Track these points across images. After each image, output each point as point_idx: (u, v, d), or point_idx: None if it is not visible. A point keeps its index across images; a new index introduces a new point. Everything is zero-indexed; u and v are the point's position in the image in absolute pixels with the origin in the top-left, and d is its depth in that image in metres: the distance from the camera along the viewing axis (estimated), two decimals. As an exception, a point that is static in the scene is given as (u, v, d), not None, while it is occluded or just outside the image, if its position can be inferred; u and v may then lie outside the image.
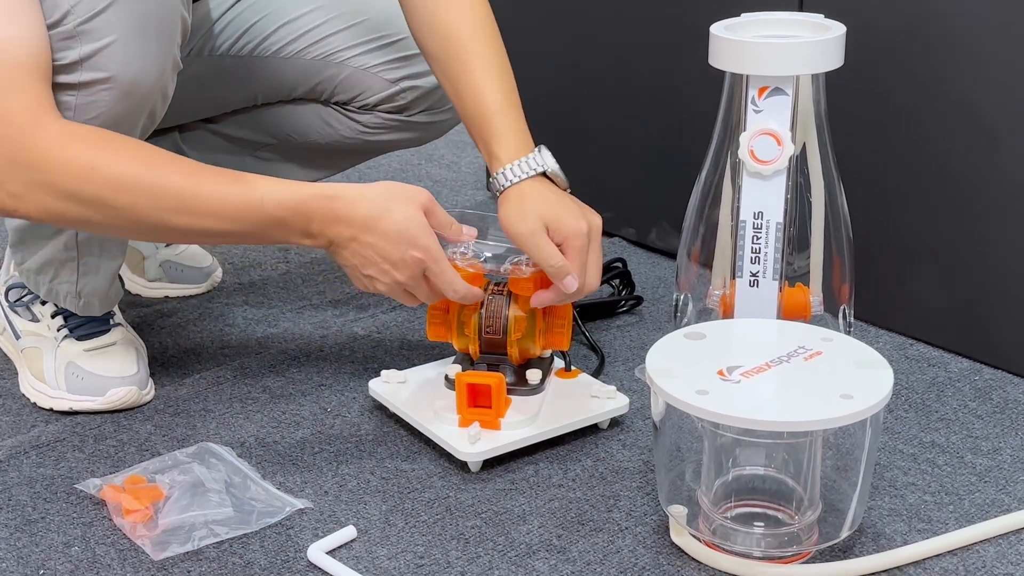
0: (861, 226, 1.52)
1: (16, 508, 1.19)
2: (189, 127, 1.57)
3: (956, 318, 1.46)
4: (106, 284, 1.36)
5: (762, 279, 1.28)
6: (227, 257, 1.78)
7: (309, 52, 1.47)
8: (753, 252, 1.28)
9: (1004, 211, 1.39)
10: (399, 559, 1.11)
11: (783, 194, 1.26)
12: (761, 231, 1.27)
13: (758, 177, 1.26)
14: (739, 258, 1.28)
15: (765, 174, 1.26)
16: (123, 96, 1.17)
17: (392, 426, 1.32)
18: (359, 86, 1.47)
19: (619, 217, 1.81)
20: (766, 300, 1.28)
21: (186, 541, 1.12)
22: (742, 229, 1.28)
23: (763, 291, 1.28)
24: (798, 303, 1.32)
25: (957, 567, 1.09)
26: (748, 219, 1.27)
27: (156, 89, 1.20)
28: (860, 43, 1.36)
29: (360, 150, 1.56)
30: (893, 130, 1.47)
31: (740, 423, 1.03)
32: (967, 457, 1.26)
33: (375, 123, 1.50)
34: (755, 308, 1.29)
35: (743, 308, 1.29)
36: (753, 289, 1.28)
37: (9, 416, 1.35)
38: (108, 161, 1.11)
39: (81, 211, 1.12)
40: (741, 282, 1.29)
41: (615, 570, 1.09)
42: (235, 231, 1.15)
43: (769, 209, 1.26)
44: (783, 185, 1.26)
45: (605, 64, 1.76)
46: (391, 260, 1.17)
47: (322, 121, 1.52)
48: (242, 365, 1.45)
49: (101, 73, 1.15)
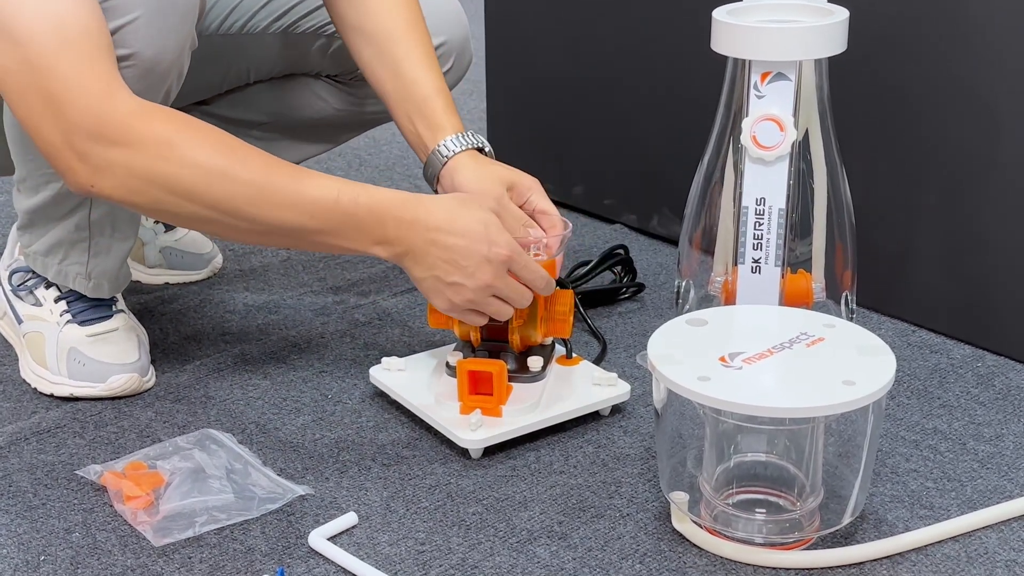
0: (863, 212, 1.52)
1: (17, 494, 1.19)
2: (184, 111, 1.56)
3: (958, 304, 1.46)
4: (116, 265, 1.36)
5: (764, 265, 1.28)
6: (227, 244, 1.77)
7: (299, 26, 1.47)
8: (755, 238, 1.28)
9: (1007, 197, 1.39)
10: (400, 545, 1.11)
11: (786, 180, 1.25)
12: (763, 217, 1.27)
13: (760, 163, 1.26)
14: (741, 244, 1.28)
15: (768, 160, 1.25)
16: (145, 73, 1.17)
17: (393, 413, 1.32)
18: (349, 58, 1.47)
19: (621, 204, 1.81)
20: (768, 286, 1.28)
21: (187, 527, 1.12)
22: (744, 215, 1.27)
23: (765, 277, 1.28)
24: (800, 289, 1.32)
25: (959, 553, 1.09)
26: (750, 205, 1.27)
27: (174, 67, 1.20)
28: (863, 28, 1.35)
29: (355, 122, 1.56)
30: (896, 115, 1.46)
31: (742, 409, 1.03)
32: (969, 443, 1.26)
33: (367, 93, 1.50)
34: (757, 294, 1.28)
35: (745, 294, 1.29)
36: (755, 276, 1.28)
37: (10, 402, 1.35)
38: (186, 140, 1.11)
39: (155, 193, 1.11)
40: (743, 268, 1.28)
41: (616, 556, 1.09)
42: (306, 227, 1.14)
43: (772, 195, 1.26)
44: (786, 171, 1.25)
45: (606, 50, 1.75)
46: (476, 259, 1.16)
47: (315, 95, 1.52)
48: (243, 352, 1.45)
49: (125, 50, 1.15)
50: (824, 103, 1.28)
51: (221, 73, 1.51)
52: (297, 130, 1.56)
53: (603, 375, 1.31)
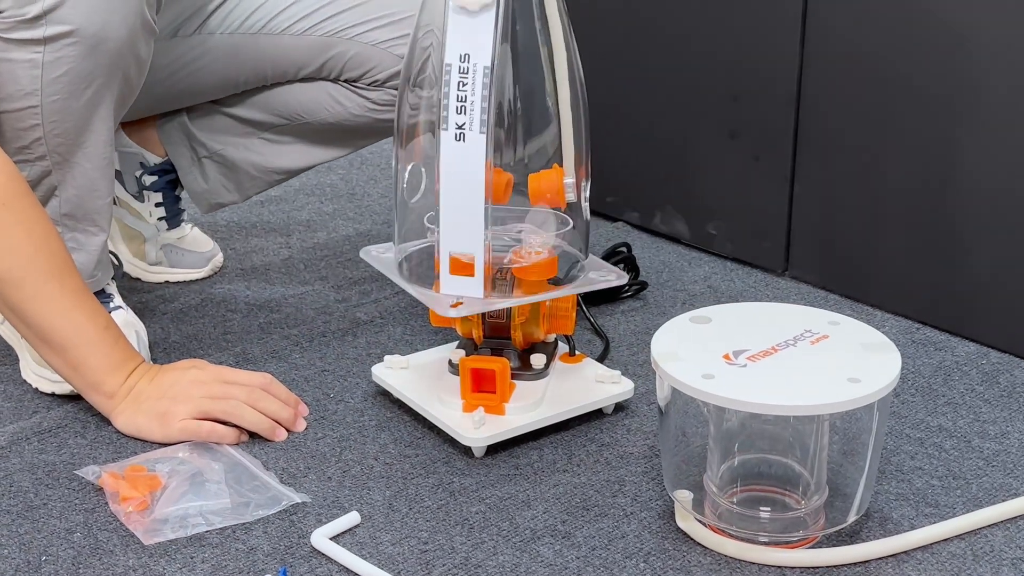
0: (868, 210, 1.52)
1: (18, 494, 1.18)
2: (198, 108, 1.57)
3: (963, 301, 1.45)
4: (92, 261, 1.35)
5: (468, 132, 1.13)
6: (228, 242, 1.77)
7: (319, 29, 1.47)
8: (459, 101, 1.12)
9: (1011, 194, 1.38)
10: (403, 545, 1.10)
11: (492, 34, 1.11)
12: (467, 76, 1.12)
13: (464, 13, 1.11)
14: (444, 108, 1.13)
15: (471, 9, 1.11)
16: (89, 51, 1.18)
17: (395, 411, 1.32)
18: (368, 62, 1.47)
19: (623, 202, 1.80)
20: (474, 157, 1.13)
21: (179, 528, 1.12)
22: (447, 74, 1.12)
23: (470, 146, 1.13)
24: (551, 186, 1.22)
25: (965, 551, 1.09)
26: (453, 63, 1.12)
27: (125, 48, 1.20)
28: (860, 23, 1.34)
29: (369, 129, 1.55)
30: (900, 110, 1.46)
31: (746, 407, 1.02)
32: (974, 441, 1.25)
33: (385, 99, 1.50)
34: (462, 166, 1.14)
35: (450, 166, 1.14)
36: (459, 144, 1.13)
37: (11, 402, 1.35)
38: None
39: None
40: (446, 136, 1.13)
41: (620, 555, 1.09)
42: None
43: (476, 51, 1.12)
44: (492, 23, 1.11)
45: (608, 48, 1.75)
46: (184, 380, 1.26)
47: (332, 99, 1.52)
48: (244, 351, 1.45)
49: (65, 26, 1.16)
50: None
51: (239, 72, 1.51)
52: (311, 134, 1.56)
53: (606, 373, 1.30)
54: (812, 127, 1.55)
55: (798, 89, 1.55)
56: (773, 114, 1.58)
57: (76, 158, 1.28)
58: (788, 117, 1.56)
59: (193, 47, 1.48)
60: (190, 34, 1.48)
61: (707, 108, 1.65)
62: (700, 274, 1.65)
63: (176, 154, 1.59)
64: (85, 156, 1.29)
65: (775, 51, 1.55)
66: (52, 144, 1.26)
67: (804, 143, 1.56)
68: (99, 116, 1.27)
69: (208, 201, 1.62)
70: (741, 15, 1.58)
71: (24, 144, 1.26)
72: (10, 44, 1.19)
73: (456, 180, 1.14)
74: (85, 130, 1.27)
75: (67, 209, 1.32)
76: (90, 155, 1.29)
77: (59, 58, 1.18)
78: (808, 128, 1.55)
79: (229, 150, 1.58)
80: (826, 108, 1.53)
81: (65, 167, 1.29)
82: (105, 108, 1.27)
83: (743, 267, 1.67)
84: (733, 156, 1.64)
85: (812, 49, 1.52)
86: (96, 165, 1.30)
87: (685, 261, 1.69)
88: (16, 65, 1.20)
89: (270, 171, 1.59)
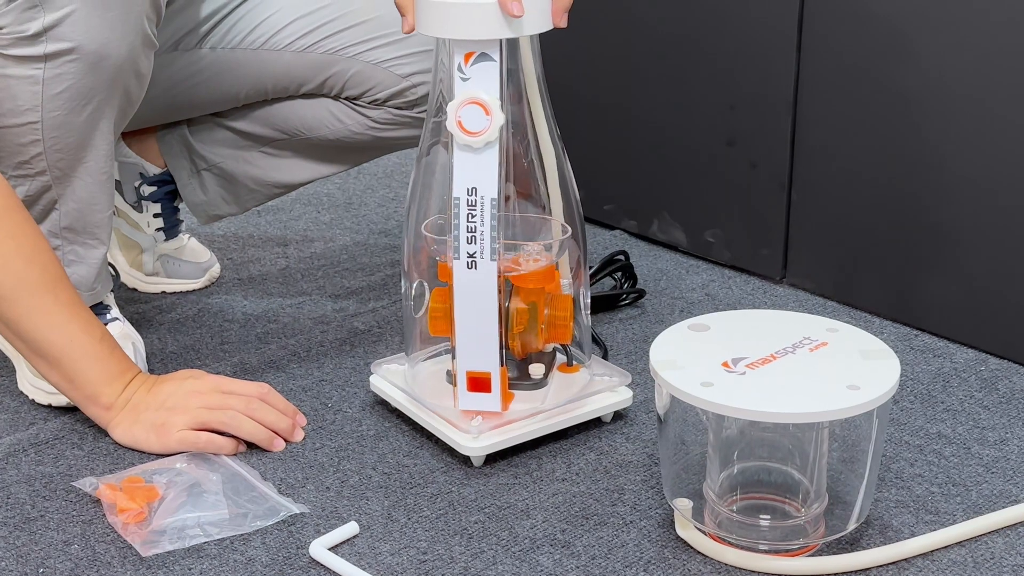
0: (866, 216, 1.52)
1: (15, 506, 1.18)
2: (199, 120, 1.57)
3: (961, 308, 1.45)
4: (92, 273, 1.35)
5: (480, 260, 1.18)
6: (226, 252, 1.77)
7: (321, 47, 1.47)
8: (469, 231, 1.17)
9: (1009, 201, 1.38)
10: (402, 555, 1.10)
11: (497, 168, 1.16)
12: (476, 208, 1.17)
13: (469, 150, 1.16)
14: (455, 239, 1.18)
15: (476, 146, 1.16)
16: (91, 68, 1.17)
17: (393, 421, 1.31)
18: (369, 81, 1.47)
19: (621, 210, 1.80)
20: (486, 283, 1.18)
21: (176, 539, 1.11)
22: (456, 207, 1.17)
23: (482, 273, 1.18)
24: None
25: (965, 559, 1.09)
26: (462, 196, 1.17)
27: (126, 64, 1.20)
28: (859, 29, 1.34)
29: (369, 146, 1.55)
30: (896, 117, 1.46)
31: (746, 415, 1.02)
32: (974, 448, 1.25)
33: (385, 118, 1.50)
34: (475, 292, 1.19)
35: (463, 293, 1.19)
36: (472, 272, 1.18)
37: (7, 414, 1.34)
38: None
39: None
40: (459, 265, 1.18)
41: (620, 564, 1.08)
42: None
43: (483, 184, 1.16)
44: (496, 158, 1.16)
45: (606, 56, 1.75)
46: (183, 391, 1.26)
47: (332, 116, 1.52)
48: (241, 361, 1.44)
49: (65, 43, 1.16)
50: (541, 83, 1.21)
51: (239, 87, 1.51)
52: (310, 149, 1.56)
53: (605, 381, 1.30)
54: (809, 135, 1.55)
55: (795, 97, 1.55)
56: (770, 122, 1.58)
57: (76, 173, 1.28)
58: (785, 125, 1.56)
59: (194, 61, 1.48)
60: (191, 48, 1.48)
61: (704, 116, 1.65)
62: (698, 282, 1.65)
63: (175, 166, 1.59)
64: (85, 171, 1.28)
65: (771, 59, 1.56)
66: (52, 159, 1.26)
67: (801, 150, 1.56)
68: (99, 131, 1.26)
69: (206, 213, 1.62)
70: (738, 24, 1.58)
71: (24, 159, 1.25)
72: (10, 61, 1.19)
73: (470, 305, 1.19)
74: (86, 145, 1.27)
75: (67, 222, 1.31)
76: (90, 169, 1.29)
77: (60, 75, 1.18)
78: (805, 135, 1.55)
79: (228, 163, 1.58)
80: (823, 116, 1.53)
81: (65, 182, 1.28)
82: (106, 123, 1.26)
83: (741, 275, 1.67)
84: (730, 164, 1.64)
85: (808, 57, 1.52)
86: (96, 179, 1.30)
87: (683, 269, 1.69)
88: (16, 81, 1.20)
89: (269, 185, 1.59)
